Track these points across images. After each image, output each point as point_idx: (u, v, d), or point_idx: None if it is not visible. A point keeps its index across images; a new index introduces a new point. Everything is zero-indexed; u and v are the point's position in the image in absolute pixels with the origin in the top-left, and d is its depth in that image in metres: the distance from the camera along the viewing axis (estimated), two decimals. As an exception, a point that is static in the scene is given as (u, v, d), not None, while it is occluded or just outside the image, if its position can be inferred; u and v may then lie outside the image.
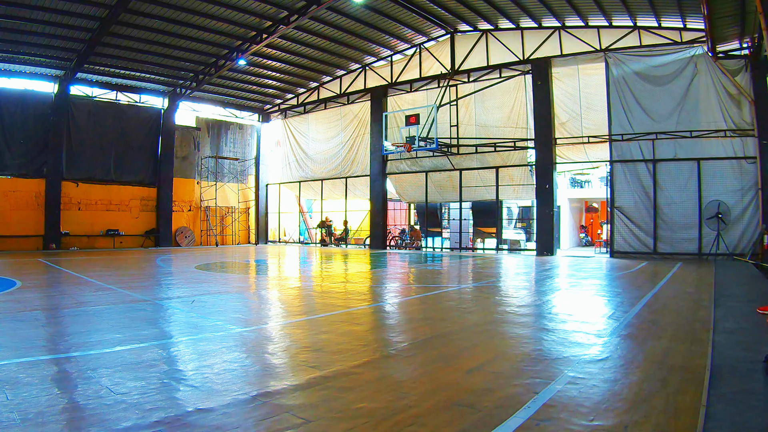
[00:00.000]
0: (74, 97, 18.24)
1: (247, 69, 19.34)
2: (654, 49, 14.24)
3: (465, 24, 17.03)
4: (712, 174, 13.59)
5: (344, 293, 7.72)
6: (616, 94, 14.60)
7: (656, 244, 14.14)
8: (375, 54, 19.40)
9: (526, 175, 16.78)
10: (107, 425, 2.41)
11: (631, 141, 14.45)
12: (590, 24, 15.04)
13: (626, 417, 2.56)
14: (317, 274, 10.73)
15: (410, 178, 19.45)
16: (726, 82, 13.35)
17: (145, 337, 4.29)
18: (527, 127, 16.51)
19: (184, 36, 16.18)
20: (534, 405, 2.70)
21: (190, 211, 21.67)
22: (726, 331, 4.55)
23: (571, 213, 23.83)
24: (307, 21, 15.84)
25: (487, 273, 10.94)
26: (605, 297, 7.22)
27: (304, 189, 23.22)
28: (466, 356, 3.85)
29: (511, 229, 21.93)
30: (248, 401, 2.79)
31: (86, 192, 18.61)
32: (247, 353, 3.91)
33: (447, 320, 5.44)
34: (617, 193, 14.68)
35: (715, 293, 7.12)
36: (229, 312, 5.86)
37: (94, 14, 14.10)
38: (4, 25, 14.07)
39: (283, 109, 23.60)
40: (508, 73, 16.86)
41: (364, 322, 5.47)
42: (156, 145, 20.32)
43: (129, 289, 7.36)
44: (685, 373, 3.31)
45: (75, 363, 3.50)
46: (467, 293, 7.71)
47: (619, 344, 4.16)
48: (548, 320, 5.37)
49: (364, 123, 20.49)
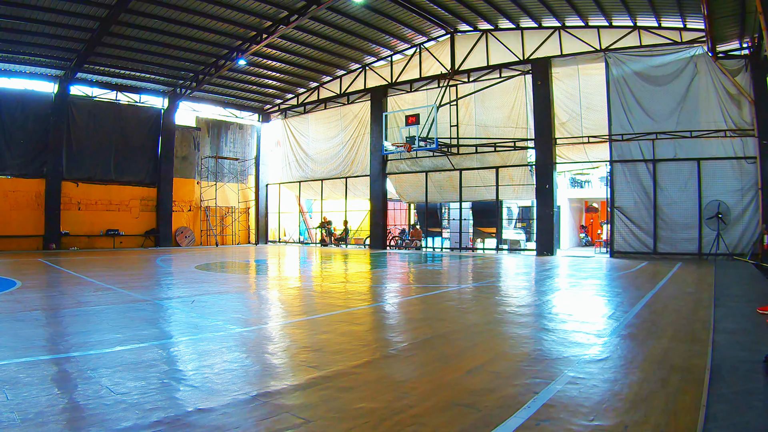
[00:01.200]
0: (74, 97, 18.24)
1: (247, 69, 19.34)
2: (654, 49, 14.24)
3: (465, 24, 17.03)
4: (712, 174, 13.59)
5: (344, 293, 7.72)
6: (616, 94, 14.59)
7: (656, 244, 14.13)
8: (375, 54, 19.40)
9: (526, 175, 16.78)
10: (107, 425, 2.41)
11: (631, 141, 14.45)
12: (590, 24, 15.04)
13: (626, 417, 2.56)
14: (317, 274, 10.73)
15: (410, 178, 19.44)
16: (726, 82, 13.34)
17: (145, 337, 4.29)
18: (527, 127, 16.51)
19: (184, 36, 16.18)
20: (534, 405, 2.70)
21: (190, 211, 21.67)
22: (726, 331, 4.54)
23: (571, 213, 23.83)
24: (307, 21, 15.83)
25: (487, 273, 10.94)
26: (605, 297, 7.22)
27: (304, 189, 23.22)
28: (466, 356, 3.85)
29: (511, 229, 21.94)
30: (248, 401, 2.79)
31: (86, 192, 18.61)
32: (247, 353, 3.90)
33: (447, 320, 5.44)
34: (617, 193, 14.68)
35: (715, 293, 7.11)
36: (229, 312, 5.86)
37: (94, 14, 14.09)
38: (4, 25, 14.06)
39: (283, 109, 23.59)
40: (508, 73, 16.86)
41: (364, 322, 5.47)
42: (156, 145, 20.32)
43: (129, 289, 7.36)
44: (685, 373, 3.31)
45: (75, 363, 3.50)
46: (467, 293, 7.71)
47: (619, 344, 4.16)
48: (548, 320, 5.37)
49: (364, 123, 20.49)
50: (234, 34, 16.57)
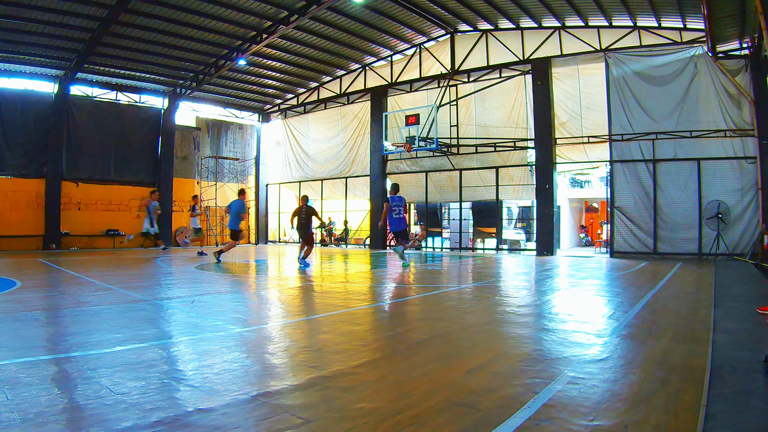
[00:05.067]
0: (74, 97, 18.24)
1: (247, 69, 19.34)
2: (654, 49, 14.24)
3: (465, 24, 17.03)
4: (712, 174, 13.59)
5: (344, 293, 7.71)
6: (616, 94, 14.60)
7: (656, 244, 14.14)
8: (375, 54, 19.40)
9: (526, 175, 16.78)
10: (107, 425, 2.40)
11: (631, 141, 14.45)
12: (590, 24, 15.05)
13: (626, 417, 2.56)
14: (317, 274, 10.72)
15: (410, 178, 19.44)
16: (726, 82, 13.35)
17: (145, 337, 4.28)
18: (527, 127, 16.51)
19: (184, 36, 16.18)
20: (534, 405, 2.69)
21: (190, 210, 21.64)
22: (726, 331, 4.54)
23: (571, 213, 23.85)
24: (307, 21, 15.84)
25: (487, 273, 10.94)
26: (605, 297, 7.22)
27: (304, 189, 23.20)
28: (466, 356, 3.85)
29: (511, 229, 21.95)
30: (248, 401, 2.78)
31: (86, 192, 18.61)
32: (247, 353, 3.90)
33: (447, 320, 5.43)
34: (617, 193, 14.68)
35: (715, 293, 7.11)
36: (229, 312, 5.86)
37: (94, 14, 14.10)
38: (4, 25, 14.07)
39: (283, 109, 23.59)
40: (508, 73, 16.86)
41: (364, 322, 5.47)
42: (156, 145, 20.31)
43: (129, 289, 7.36)
44: (685, 373, 3.31)
45: (75, 363, 3.50)
46: (467, 293, 7.71)
47: (619, 344, 4.16)
48: (548, 320, 5.36)
49: (364, 123, 20.49)
50: (234, 34, 16.57)
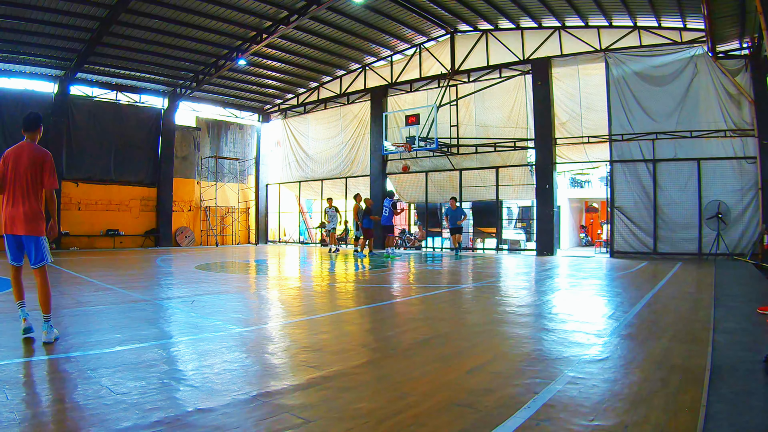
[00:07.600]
0: (74, 97, 18.24)
1: (247, 69, 19.34)
2: (654, 49, 14.24)
3: (465, 24, 17.03)
4: (712, 174, 13.59)
5: (344, 293, 7.72)
6: (616, 94, 14.59)
7: (656, 244, 14.13)
8: (375, 54, 19.40)
9: (526, 175, 16.78)
10: (107, 425, 2.40)
11: (631, 141, 14.45)
12: (590, 24, 15.05)
13: (626, 417, 2.56)
14: (317, 274, 10.73)
15: (410, 178, 19.44)
16: (726, 82, 13.35)
17: (145, 337, 4.28)
18: (527, 127, 16.51)
19: (184, 36, 16.17)
20: (534, 405, 2.69)
21: (190, 211, 21.66)
22: (726, 331, 4.54)
23: (571, 213, 23.86)
24: (307, 21, 15.84)
25: (487, 273, 10.94)
26: (605, 297, 7.22)
27: (304, 189, 23.22)
28: (466, 356, 3.85)
29: (511, 229, 21.96)
30: (248, 401, 2.79)
31: (86, 192, 18.61)
32: (247, 353, 3.90)
33: (447, 320, 5.44)
34: (617, 193, 14.68)
35: (715, 293, 7.11)
36: (229, 312, 5.86)
37: (94, 14, 14.10)
38: (4, 25, 14.06)
39: (283, 109, 23.59)
40: (508, 73, 16.86)
41: (364, 322, 5.47)
42: (156, 145, 20.31)
43: (129, 289, 7.36)
44: (685, 373, 3.31)
45: (75, 363, 3.50)
46: (467, 293, 7.71)
47: (619, 344, 4.16)
48: (548, 320, 5.36)
49: (364, 123, 20.49)
50: (234, 34, 16.57)
